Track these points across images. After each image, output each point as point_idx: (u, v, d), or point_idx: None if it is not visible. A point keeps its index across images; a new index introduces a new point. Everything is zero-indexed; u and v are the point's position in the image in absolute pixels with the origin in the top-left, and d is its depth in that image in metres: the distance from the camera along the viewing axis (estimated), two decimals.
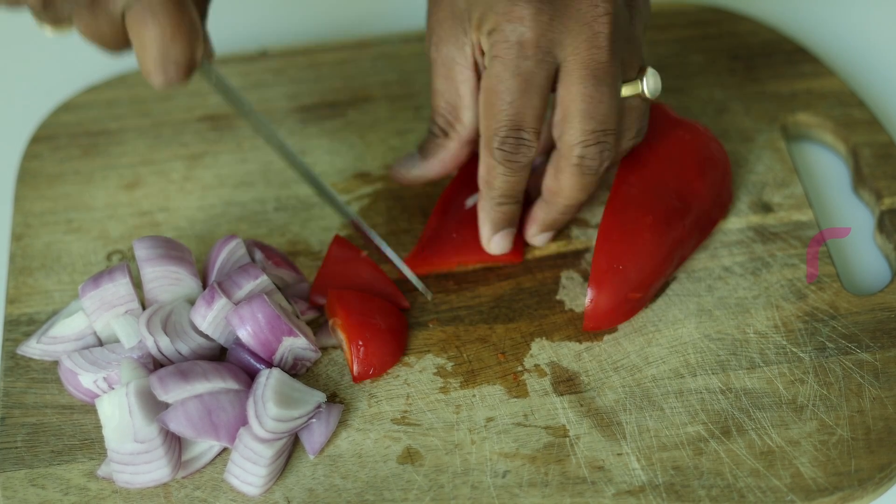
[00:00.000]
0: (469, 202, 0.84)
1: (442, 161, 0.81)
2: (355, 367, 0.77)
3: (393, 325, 0.78)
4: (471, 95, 0.78)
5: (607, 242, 0.78)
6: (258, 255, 0.81)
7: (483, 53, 0.76)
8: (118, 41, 0.76)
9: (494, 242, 0.81)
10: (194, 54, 0.70)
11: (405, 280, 0.82)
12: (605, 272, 0.77)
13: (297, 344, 0.76)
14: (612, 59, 0.74)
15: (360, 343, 0.76)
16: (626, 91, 0.76)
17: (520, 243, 0.83)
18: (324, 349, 0.79)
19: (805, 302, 0.80)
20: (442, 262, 0.82)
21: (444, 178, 0.84)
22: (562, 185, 0.78)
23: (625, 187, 0.80)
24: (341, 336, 0.78)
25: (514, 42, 0.73)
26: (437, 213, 0.84)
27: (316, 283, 0.81)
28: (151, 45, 0.69)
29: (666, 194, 0.80)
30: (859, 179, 0.88)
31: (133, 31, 0.70)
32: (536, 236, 0.83)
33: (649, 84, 0.76)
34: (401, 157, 0.84)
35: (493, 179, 0.78)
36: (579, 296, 0.81)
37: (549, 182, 0.79)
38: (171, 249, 0.78)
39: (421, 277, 0.82)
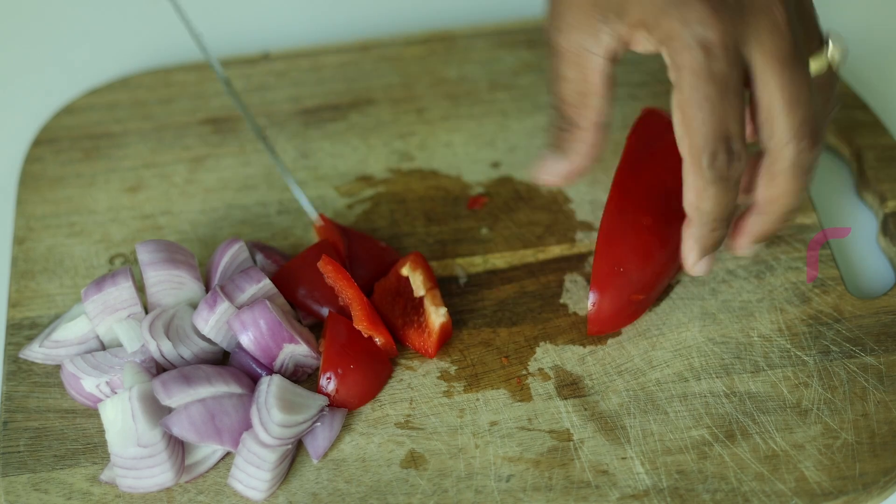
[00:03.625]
0: None
1: (584, 153, 0.75)
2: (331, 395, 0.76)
3: (372, 366, 0.77)
4: (602, 83, 0.72)
5: (607, 245, 0.78)
6: (261, 258, 0.81)
7: (621, 48, 0.71)
8: None
9: (699, 267, 0.76)
10: None
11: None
12: (606, 275, 0.77)
13: (297, 351, 0.76)
14: (795, 42, 0.69)
15: (340, 371, 0.75)
16: (814, 67, 0.72)
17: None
18: None
19: (809, 305, 0.80)
20: None
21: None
22: (779, 190, 0.73)
23: (623, 189, 0.80)
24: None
25: (699, 46, 0.68)
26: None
27: (280, 273, 0.80)
28: None
29: (665, 195, 0.80)
30: (863, 182, 0.87)
31: None
32: (744, 247, 0.77)
33: (835, 52, 0.72)
34: (539, 161, 0.77)
35: (705, 203, 0.71)
36: (583, 299, 0.81)
37: (764, 192, 0.74)
38: (174, 253, 0.78)
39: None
